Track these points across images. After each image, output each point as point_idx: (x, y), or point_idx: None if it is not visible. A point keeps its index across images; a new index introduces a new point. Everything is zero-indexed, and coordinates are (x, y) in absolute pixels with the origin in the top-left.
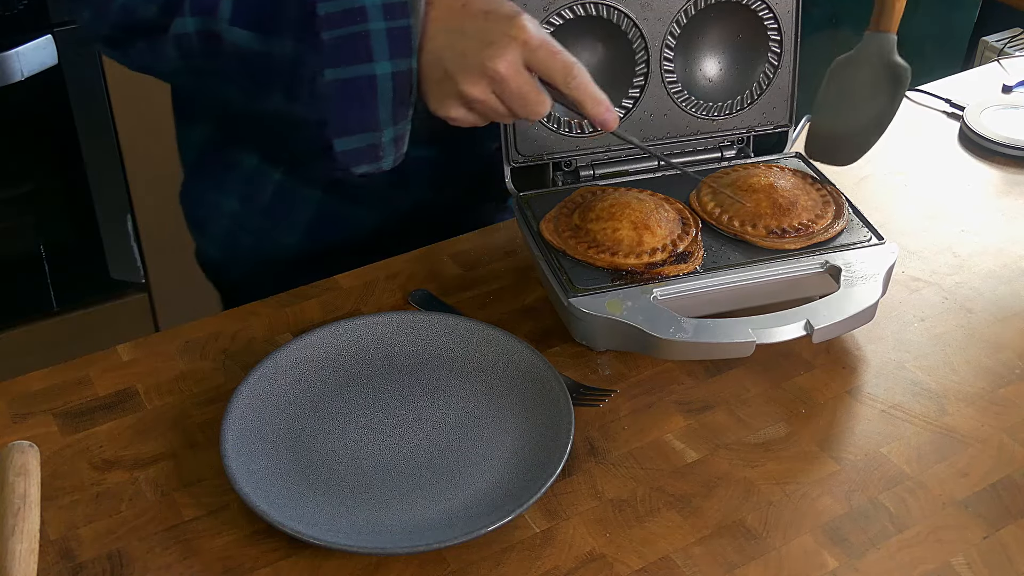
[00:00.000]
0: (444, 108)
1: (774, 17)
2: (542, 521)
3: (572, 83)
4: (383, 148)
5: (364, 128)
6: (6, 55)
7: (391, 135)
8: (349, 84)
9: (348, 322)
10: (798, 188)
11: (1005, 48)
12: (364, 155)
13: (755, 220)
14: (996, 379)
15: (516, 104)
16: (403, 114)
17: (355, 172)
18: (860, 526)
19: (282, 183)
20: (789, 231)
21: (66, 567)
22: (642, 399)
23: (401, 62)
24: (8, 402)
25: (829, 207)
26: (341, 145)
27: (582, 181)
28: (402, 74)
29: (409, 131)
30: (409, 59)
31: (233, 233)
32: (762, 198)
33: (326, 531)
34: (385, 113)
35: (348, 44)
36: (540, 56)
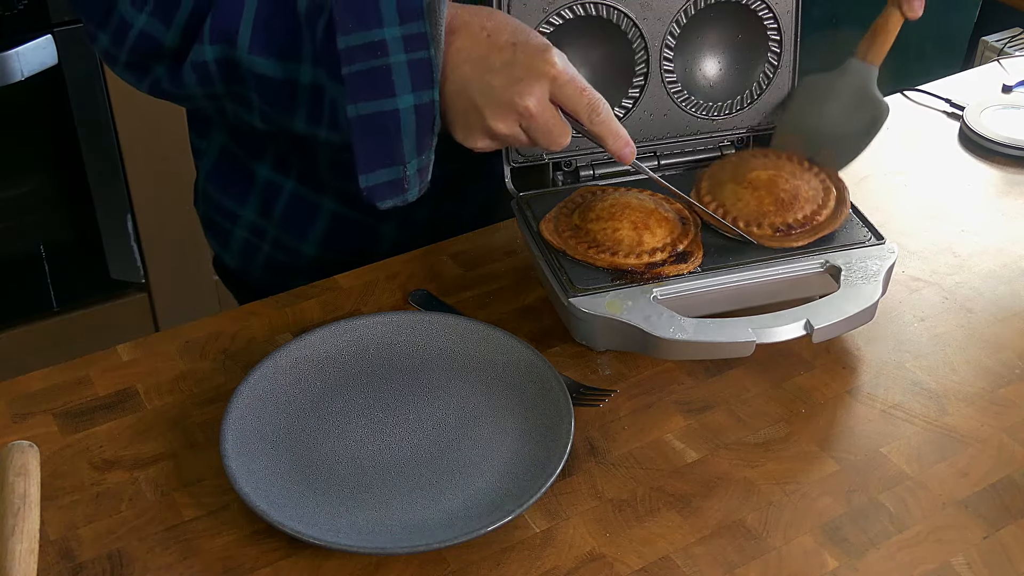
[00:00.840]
0: (470, 139)
1: (774, 17)
2: (542, 521)
3: (596, 119)
4: (408, 180)
5: (389, 163)
6: (6, 55)
7: (416, 167)
8: (372, 120)
9: (348, 322)
10: (797, 177)
11: (1005, 48)
12: (389, 189)
13: (759, 218)
14: (996, 379)
15: (541, 137)
16: (427, 145)
17: (381, 206)
18: (860, 526)
19: (295, 193)
20: (795, 226)
21: (66, 567)
22: (642, 399)
23: (424, 94)
24: (8, 402)
25: (830, 194)
26: (366, 181)
27: (582, 181)
28: (425, 106)
29: (432, 161)
30: (431, 91)
31: (250, 243)
32: (764, 194)
33: (326, 531)
34: (409, 146)
35: (369, 79)
36: (568, 92)
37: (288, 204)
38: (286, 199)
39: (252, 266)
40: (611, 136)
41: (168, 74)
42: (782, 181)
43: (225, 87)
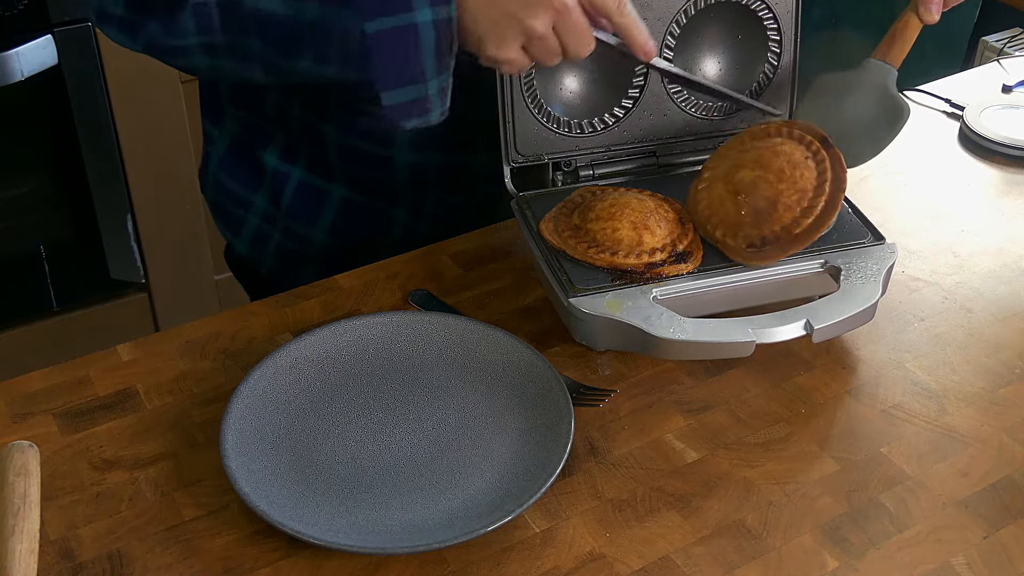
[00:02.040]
0: (504, 48)
1: (774, 17)
2: (542, 521)
3: (624, 11)
4: (430, 100)
5: (411, 80)
6: (6, 55)
7: (436, 87)
8: (391, 35)
9: (348, 322)
10: (784, 179)
11: (1005, 48)
12: (413, 108)
13: (736, 229)
14: (996, 379)
15: (572, 39)
16: (445, 65)
17: (405, 126)
18: (860, 526)
19: (303, 181)
20: (768, 239)
21: (66, 567)
22: (642, 399)
23: (441, 9)
24: (8, 402)
25: (820, 196)
26: (389, 99)
27: (582, 181)
28: (443, 22)
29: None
30: (449, 6)
31: (261, 230)
32: (742, 202)
33: (326, 531)
34: (430, 62)
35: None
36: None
37: (297, 192)
38: (295, 187)
39: (263, 254)
40: (636, 29)
41: (164, 26)
42: (764, 185)
43: (224, 35)
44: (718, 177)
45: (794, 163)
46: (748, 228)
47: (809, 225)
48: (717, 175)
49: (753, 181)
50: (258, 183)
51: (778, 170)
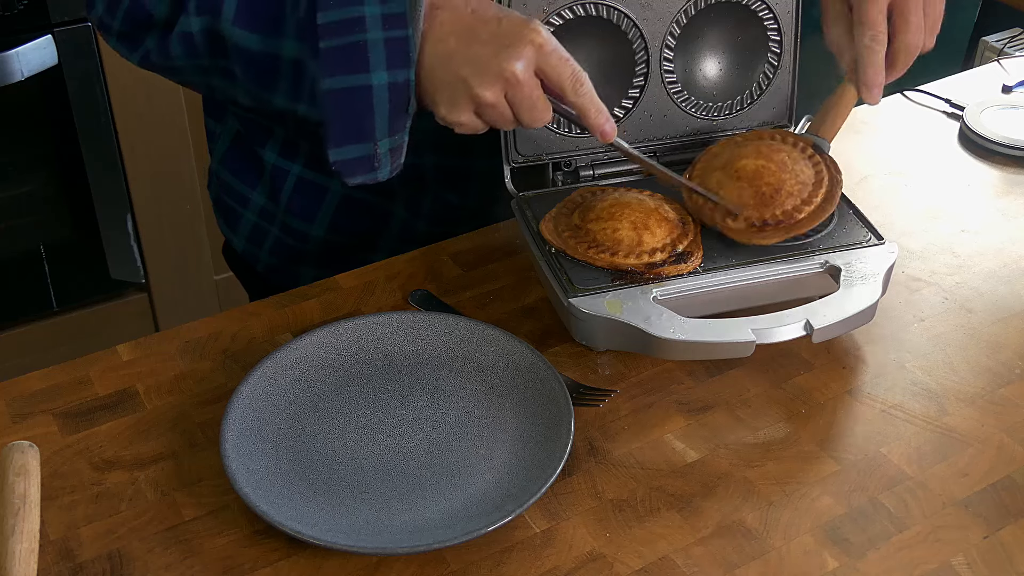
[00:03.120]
0: (455, 113)
1: (774, 17)
2: (542, 521)
3: (580, 91)
4: (379, 159)
5: (360, 139)
6: (6, 55)
7: (387, 146)
8: (345, 94)
9: (348, 322)
10: (786, 169)
11: (1005, 48)
12: (359, 165)
13: (737, 211)
14: (996, 379)
15: (525, 110)
16: (400, 126)
17: (349, 182)
18: (860, 526)
19: (302, 177)
20: (770, 222)
21: (66, 567)
22: (642, 399)
23: (398, 73)
24: (8, 402)
25: (819, 189)
26: (336, 155)
27: (582, 181)
28: (399, 85)
29: (406, 143)
30: (407, 70)
31: (259, 227)
32: (746, 186)
33: (326, 531)
34: (381, 124)
35: (345, 54)
36: (552, 62)
37: (296, 188)
38: (294, 183)
39: (260, 251)
40: (593, 110)
41: (157, 45)
42: (768, 174)
43: (210, 59)
44: (715, 167)
45: (793, 158)
46: (750, 211)
47: (810, 212)
48: (714, 166)
49: (756, 169)
50: (257, 179)
51: (780, 161)
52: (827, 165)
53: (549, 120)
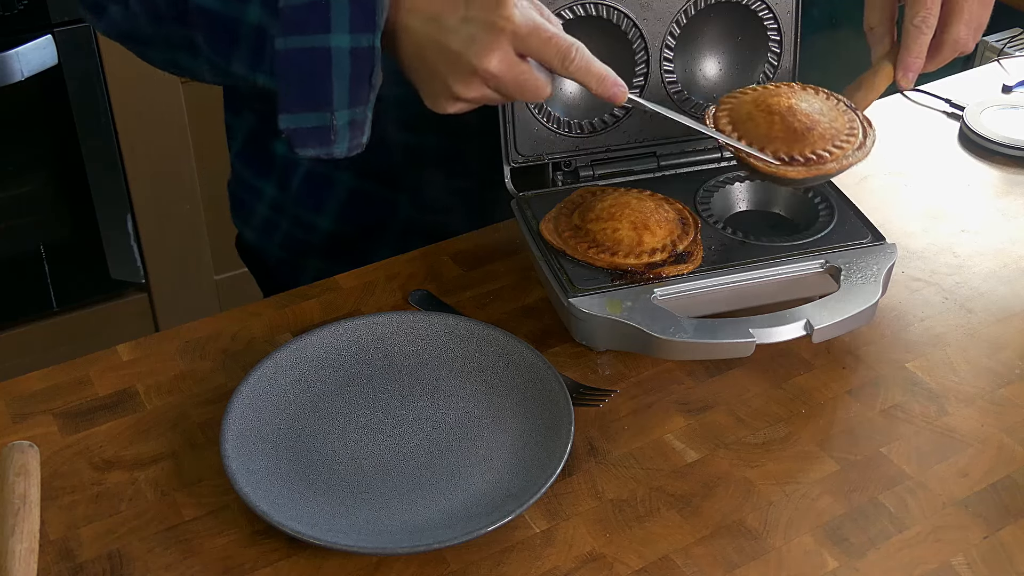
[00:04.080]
0: (439, 106)
1: (774, 17)
2: (542, 521)
3: (571, 67)
4: (336, 131)
5: (315, 106)
6: (6, 55)
7: (346, 118)
8: (301, 55)
9: (348, 322)
10: (821, 113)
11: (1005, 48)
12: (313, 136)
13: (764, 143)
14: (996, 379)
15: (515, 94)
16: (362, 97)
17: (302, 154)
18: (860, 526)
19: (312, 168)
20: (798, 159)
21: (66, 567)
22: (642, 399)
23: (362, 37)
24: (8, 402)
25: (851, 141)
26: (286, 122)
27: (582, 181)
28: (362, 51)
29: (370, 118)
30: (372, 35)
31: (270, 219)
32: (777, 120)
33: (326, 531)
34: (341, 92)
35: (305, 12)
36: (532, 44)
37: (305, 179)
38: (303, 174)
39: (270, 243)
40: (593, 80)
41: (124, 13)
42: (801, 112)
43: (172, 25)
44: (746, 103)
45: (830, 105)
46: (779, 144)
47: (839, 157)
48: (744, 101)
49: (790, 107)
50: (270, 171)
51: (813, 107)
52: (861, 120)
53: (549, 93)
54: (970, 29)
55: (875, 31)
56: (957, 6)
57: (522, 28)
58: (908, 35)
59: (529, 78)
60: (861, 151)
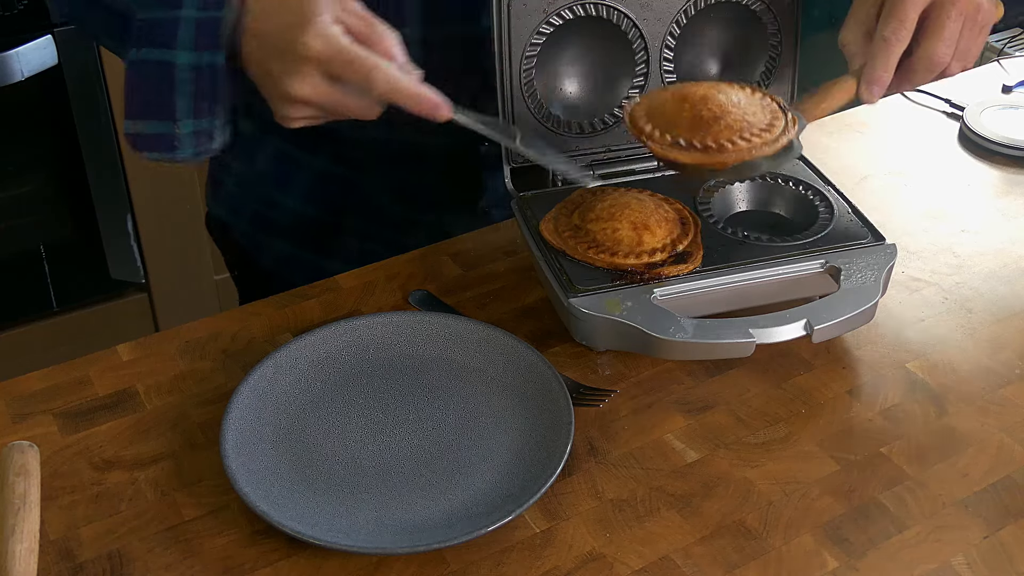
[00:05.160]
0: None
1: (774, 17)
2: (542, 521)
3: (377, 91)
4: (179, 139)
5: (158, 116)
6: (6, 55)
7: (191, 128)
8: (147, 67)
9: (348, 322)
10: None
11: (1005, 48)
12: (157, 142)
13: (667, 128)
14: (996, 379)
15: (341, 116)
16: (208, 110)
17: (146, 157)
18: (860, 526)
19: (281, 148)
20: (696, 145)
21: (66, 567)
22: (642, 399)
23: (205, 56)
24: (8, 402)
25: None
26: (132, 127)
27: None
28: (205, 69)
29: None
30: (214, 55)
31: (238, 195)
32: (687, 108)
33: (326, 531)
34: (184, 104)
35: (156, 27)
36: (336, 69)
37: (274, 158)
38: (271, 153)
39: (238, 220)
40: (407, 100)
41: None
42: (714, 101)
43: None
44: (666, 93)
45: (751, 100)
46: (683, 129)
47: (738, 149)
48: (666, 92)
49: (705, 95)
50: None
51: (731, 99)
52: (787, 123)
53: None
54: (948, 49)
55: (848, 48)
56: (936, 23)
57: (323, 54)
58: (876, 47)
59: (345, 101)
60: (768, 147)
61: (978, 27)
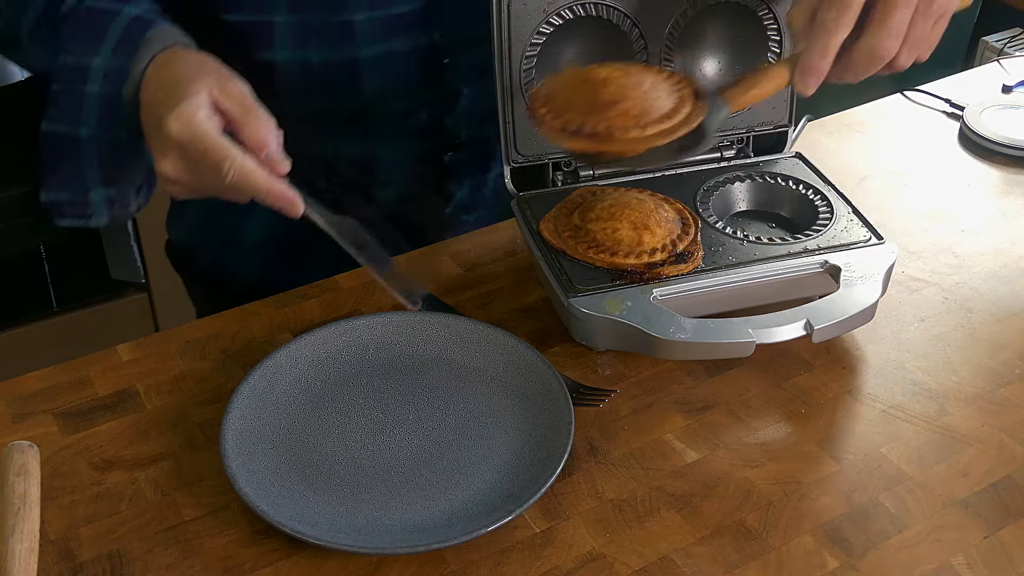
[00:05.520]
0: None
1: (774, 17)
2: (542, 521)
3: (227, 181)
4: (92, 207)
5: (69, 184)
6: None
7: (102, 196)
8: (56, 139)
9: (348, 322)
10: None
11: (1005, 48)
12: (70, 209)
13: (561, 111)
14: (996, 379)
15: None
16: (118, 177)
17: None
18: (860, 526)
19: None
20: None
21: (66, 567)
22: (642, 399)
23: (108, 130)
24: (8, 402)
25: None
26: (46, 196)
27: (582, 181)
28: (105, 143)
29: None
30: (114, 132)
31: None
32: (585, 90)
33: (326, 531)
34: (92, 175)
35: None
36: (192, 157)
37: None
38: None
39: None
40: (258, 194)
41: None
42: (612, 85)
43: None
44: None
45: (656, 84)
46: (574, 113)
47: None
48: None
49: (606, 78)
50: None
51: (636, 82)
52: (694, 110)
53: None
54: (895, 40)
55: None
56: (883, 10)
57: (180, 138)
58: (815, 32)
59: (207, 184)
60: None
61: (933, 15)
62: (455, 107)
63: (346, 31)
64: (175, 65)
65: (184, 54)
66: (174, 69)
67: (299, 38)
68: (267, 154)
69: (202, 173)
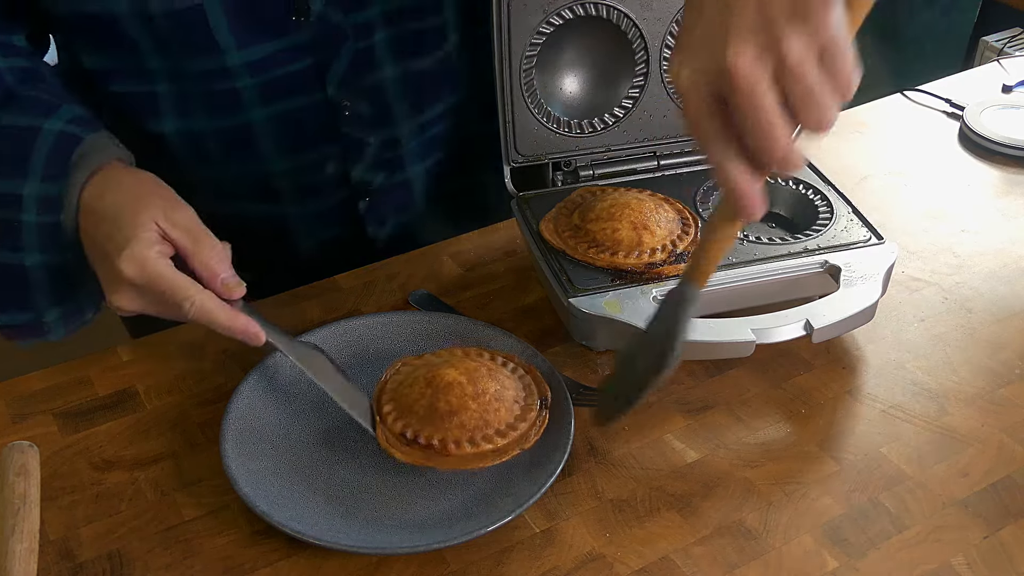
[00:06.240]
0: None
1: None
2: (542, 521)
3: (189, 318)
4: (48, 326)
5: (21, 308)
6: None
7: (57, 314)
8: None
9: (348, 322)
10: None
11: (1005, 48)
12: (26, 331)
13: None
14: (996, 379)
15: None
16: (68, 297)
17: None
18: (860, 526)
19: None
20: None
21: (66, 567)
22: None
23: (52, 256)
24: (8, 402)
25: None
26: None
27: (582, 181)
28: (54, 268)
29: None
30: (61, 253)
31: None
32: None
33: (326, 531)
34: (43, 298)
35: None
36: (150, 295)
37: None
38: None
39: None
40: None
41: None
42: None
43: None
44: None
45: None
46: (413, 419)
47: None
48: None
49: (451, 383)
50: None
51: (481, 391)
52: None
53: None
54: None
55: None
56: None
57: (136, 279)
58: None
59: (165, 313)
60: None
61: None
62: (362, 156)
63: (232, 98)
64: (115, 192)
65: (122, 176)
66: (115, 197)
67: (183, 107)
68: (222, 280)
69: (160, 306)
